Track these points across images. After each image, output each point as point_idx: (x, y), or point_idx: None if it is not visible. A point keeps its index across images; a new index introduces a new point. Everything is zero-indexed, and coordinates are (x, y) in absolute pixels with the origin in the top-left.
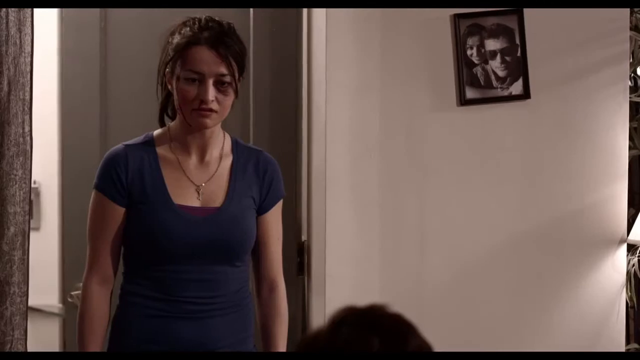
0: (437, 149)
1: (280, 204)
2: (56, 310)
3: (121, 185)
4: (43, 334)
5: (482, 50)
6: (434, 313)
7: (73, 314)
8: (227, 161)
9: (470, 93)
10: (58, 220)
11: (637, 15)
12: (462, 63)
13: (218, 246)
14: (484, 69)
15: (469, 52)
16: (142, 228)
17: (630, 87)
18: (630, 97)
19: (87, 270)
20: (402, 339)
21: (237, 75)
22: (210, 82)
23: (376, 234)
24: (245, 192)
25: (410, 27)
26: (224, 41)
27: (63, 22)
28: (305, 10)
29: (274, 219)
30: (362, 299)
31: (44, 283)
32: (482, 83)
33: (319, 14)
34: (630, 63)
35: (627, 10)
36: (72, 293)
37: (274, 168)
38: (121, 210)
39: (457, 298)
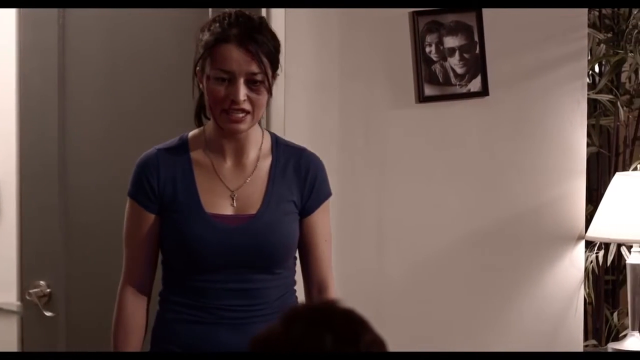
0: (396, 146)
1: (327, 203)
2: (14, 308)
3: (152, 192)
4: (0, 333)
5: (441, 48)
6: (391, 309)
7: (31, 312)
8: (266, 163)
9: (428, 90)
10: (17, 216)
11: (595, 12)
12: (421, 60)
13: (253, 255)
14: (442, 66)
15: (427, 49)
16: (175, 237)
17: (588, 84)
18: (588, 94)
19: (122, 278)
20: (355, 335)
21: (269, 72)
22: (241, 81)
23: (334, 230)
24: (284, 195)
25: (368, 24)
26: (254, 38)
27: (21, 18)
28: (264, 10)
29: (321, 219)
30: None
31: (1, 280)
32: (441, 80)
33: (278, 12)
34: (589, 60)
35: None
36: (31, 291)
37: (317, 167)
38: (153, 218)
39: (415, 295)
